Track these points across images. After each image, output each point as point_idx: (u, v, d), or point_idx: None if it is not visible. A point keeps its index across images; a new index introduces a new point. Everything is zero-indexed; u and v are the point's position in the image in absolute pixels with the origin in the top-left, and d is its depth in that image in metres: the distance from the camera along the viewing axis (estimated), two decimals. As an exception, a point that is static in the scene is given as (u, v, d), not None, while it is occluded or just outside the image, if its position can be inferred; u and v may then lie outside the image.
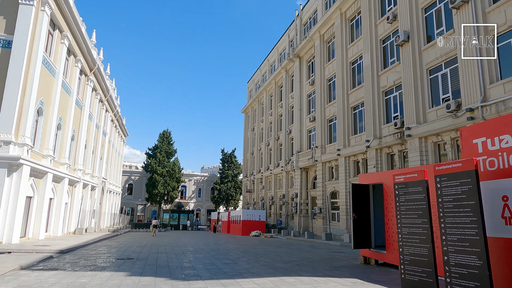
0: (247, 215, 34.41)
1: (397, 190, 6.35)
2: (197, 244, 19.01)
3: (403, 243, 6.13)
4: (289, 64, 40.14)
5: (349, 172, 26.60)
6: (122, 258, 11.71)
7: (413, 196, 6.04)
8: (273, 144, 43.90)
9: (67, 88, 22.81)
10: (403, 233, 6.13)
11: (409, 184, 6.16)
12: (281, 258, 12.16)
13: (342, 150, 27.04)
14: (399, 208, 6.28)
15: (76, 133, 25.93)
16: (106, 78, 34.69)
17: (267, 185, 45.71)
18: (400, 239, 6.20)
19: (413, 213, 5.99)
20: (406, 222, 6.09)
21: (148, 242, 20.92)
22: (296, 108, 37.18)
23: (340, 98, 28.09)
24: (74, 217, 25.53)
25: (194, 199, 71.28)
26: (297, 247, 17.48)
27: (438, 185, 5.53)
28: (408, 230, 6.04)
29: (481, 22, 16.18)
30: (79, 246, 15.97)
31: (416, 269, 5.80)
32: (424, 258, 5.72)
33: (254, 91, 56.02)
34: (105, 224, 39.42)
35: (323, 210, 29.76)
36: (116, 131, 46.39)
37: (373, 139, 23.26)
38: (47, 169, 19.04)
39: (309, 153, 32.71)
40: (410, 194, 6.11)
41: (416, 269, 5.80)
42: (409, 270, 5.91)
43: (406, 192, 6.18)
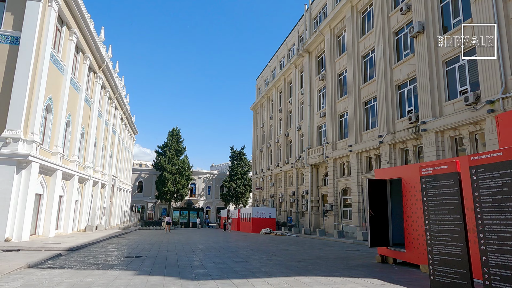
0: (257, 213, 34.06)
1: (425, 184, 5.86)
2: (207, 242, 18.72)
3: (432, 241, 5.65)
4: (298, 59, 39.55)
5: (362, 169, 26.01)
6: (131, 256, 11.46)
7: (443, 190, 5.54)
8: (283, 141, 43.42)
9: (76, 85, 22.71)
10: (432, 231, 5.64)
11: (438, 177, 5.65)
12: (294, 256, 11.75)
13: (354, 146, 26.45)
14: (426, 204, 5.80)
15: (86, 130, 25.88)
16: (115, 76, 34.64)
17: (277, 182, 45.29)
18: (428, 237, 5.72)
19: (443, 208, 5.49)
20: (436, 218, 5.60)
21: (158, 240, 20.73)
22: (306, 104, 36.62)
23: (352, 93, 27.48)
24: (84, 215, 25.51)
25: (203, 197, 71.28)
26: (309, 245, 17.04)
27: (474, 177, 5.03)
28: (438, 227, 5.54)
29: (502, 10, 15.46)
30: (88, 243, 15.81)
31: (447, 270, 5.32)
32: (457, 258, 5.22)
33: (263, 88, 55.55)
34: (116, 221, 39.53)
35: (335, 208, 29.23)
36: (125, 129, 46.46)
37: (386, 134, 22.64)
38: (57, 166, 18.95)
39: (320, 150, 32.17)
40: (439, 187, 5.61)
41: (447, 270, 5.32)
42: (440, 271, 5.42)
43: (435, 186, 5.69)
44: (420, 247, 8.55)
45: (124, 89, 43.10)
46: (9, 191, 14.73)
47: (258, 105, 57.42)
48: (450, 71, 18.60)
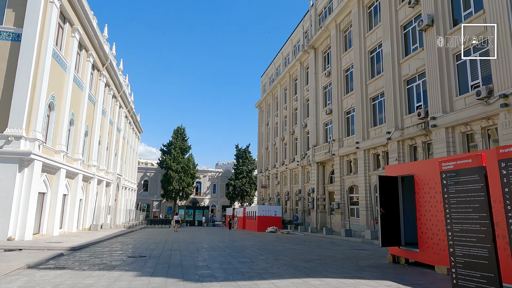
0: (263, 211, 33.72)
1: (445, 180, 5.43)
2: (212, 241, 18.43)
3: (454, 242, 5.22)
4: (303, 56, 39.07)
5: (369, 166, 25.53)
6: (134, 256, 11.18)
7: (467, 186, 5.10)
8: (288, 138, 43.00)
9: (79, 83, 22.51)
10: (455, 231, 5.21)
11: (461, 171, 5.22)
12: (302, 256, 11.38)
13: (361, 143, 25.97)
14: (448, 201, 5.37)
15: (90, 128, 25.71)
16: (119, 74, 34.45)
17: (283, 180, 44.91)
18: (450, 238, 5.30)
19: (467, 206, 5.06)
20: (458, 217, 5.17)
21: (163, 238, 20.48)
22: (311, 101, 36.16)
23: (358, 89, 26.99)
24: (89, 214, 25.37)
25: (209, 195, 71.13)
26: (316, 244, 16.66)
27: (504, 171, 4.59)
28: (461, 227, 5.11)
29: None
30: (92, 243, 15.59)
31: (473, 274, 4.90)
32: (484, 261, 4.79)
33: (268, 85, 55.12)
34: (121, 220, 39.46)
35: (341, 206, 28.79)
36: (130, 127, 46.34)
37: (394, 130, 22.14)
38: (60, 164, 18.76)
39: (326, 147, 31.71)
40: (462, 183, 5.18)
41: (473, 274, 4.90)
42: (464, 274, 5.00)
43: (457, 182, 5.26)
44: (435, 247, 8.14)
45: (128, 88, 42.95)
46: (12, 189, 14.54)
47: (263, 102, 57.02)
48: (460, 65, 18.06)
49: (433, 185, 8.17)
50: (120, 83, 33.26)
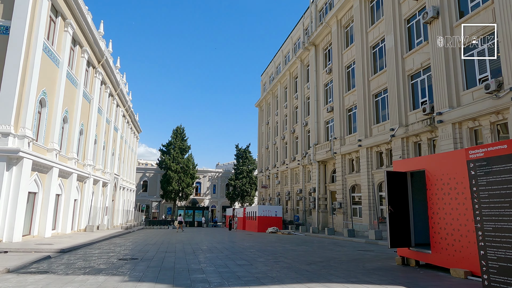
0: (263, 211, 33.03)
1: (474, 170, 4.72)
2: (210, 242, 17.74)
3: (485, 243, 4.52)
4: (304, 53, 38.39)
5: (372, 164, 24.84)
6: (125, 259, 10.49)
7: (502, 176, 4.38)
8: (289, 137, 42.31)
9: (73, 80, 21.85)
10: (486, 230, 4.51)
11: (494, 160, 4.48)
12: (303, 258, 10.69)
13: (364, 141, 25.28)
14: (477, 195, 4.67)
15: (85, 127, 25.03)
16: (116, 72, 33.78)
17: (283, 180, 44.22)
18: (480, 238, 4.61)
19: (502, 200, 4.35)
20: (491, 214, 4.45)
21: (159, 240, 19.81)
22: (312, 99, 35.48)
23: (360, 85, 26.31)
24: (84, 214, 24.69)
25: (209, 196, 70.43)
26: (319, 245, 15.97)
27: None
28: (495, 225, 4.40)
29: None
30: (84, 244, 14.91)
31: (510, 282, 4.20)
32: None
33: (268, 84, 54.46)
34: (119, 221, 38.78)
35: (343, 205, 28.10)
36: (128, 127, 45.68)
37: (398, 127, 21.46)
38: (52, 163, 18.08)
39: (327, 145, 31.03)
40: (495, 174, 4.46)
41: (510, 282, 4.20)
42: (499, 281, 4.28)
43: (489, 172, 4.53)
44: (449, 248, 7.45)
45: (126, 86, 42.30)
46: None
47: (263, 101, 56.35)
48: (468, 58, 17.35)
49: (447, 180, 7.48)
50: (117, 81, 32.60)
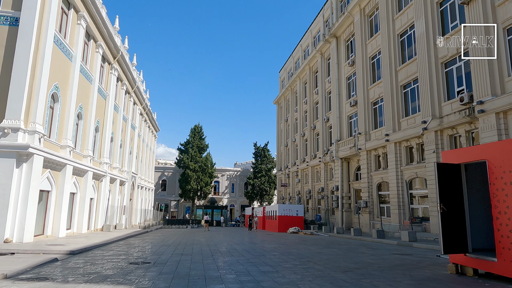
0: (284, 210, 31.75)
1: None
2: (229, 243, 16.65)
3: None
4: (324, 46, 36.84)
5: (401, 160, 23.18)
6: (137, 262, 9.51)
7: None
8: (309, 134, 40.83)
9: (88, 75, 21.25)
10: None
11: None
12: (336, 263, 9.41)
13: (392, 135, 23.65)
14: None
15: (101, 124, 24.47)
16: (133, 69, 33.27)
17: (303, 178, 42.79)
18: None
19: None
20: None
21: (176, 240, 18.91)
22: (334, 93, 33.93)
23: (387, 76, 24.66)
24: (101, 213, 24.13)
25: (227, 195, 69.60)
26: (347, 247, 14.61)
27: None
28: None
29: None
30: (97, 245, 14.10)
31: None
32: None
33: (287, 80, 53.09)
34: (137, 220, 38.38)
35: (369, 204, 26.51)
36: (146, 125, 45.32)
37: (431, 119, 19.78)
38: (66, 160, 17.44)
39: (351, 141, 29.45)
40: None
41: None
42: None
43: None
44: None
45: (143, 84, 41.89)
46: (9, 186, 13.23)
47: (281, 98, 55.01)
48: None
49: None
50: (133, 78, 32.05)
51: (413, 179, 22.34)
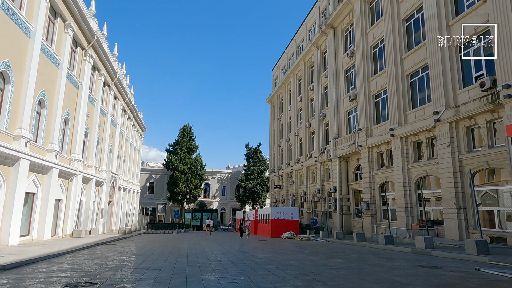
0: (277, 214, 29.18)
1: None
2: (214, 253, 14.01)
3: None
4: (321, 38, 34.56)
5: (408, 157, 20.86)
6: (76, 285, 6.83)
7: None
8: (304, 133, 38.43)
9: (52, 57, 18.37)
10: None
11: None
12: (354, 284, 6.85)
13: (397, 130, 21.33)
14: None
15: (72, 116, 21.64)
16: (113, 60, 30.52)
17: (298, 179, 40.32)
18: None
19: None
20: None
21: (153, 248, 16.20)
22: (331, 87, 31.63)
23: (392, 65, 22.40)
24: (70, 217, 21.25)
25: (218, 198, 66.79)
26: (356, 257, 12.08)
27: None
28: None
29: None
30: (46, 256, 11.34)
31: None
32: None
33: (280, 78, 50.80)
34: (119, 225, 35.40)
35: (372, 206, 24.10)
36: (130, 123, 42.40)
37: (444, 109, 17.48)
38: (18, 153, 14.65)
39: (350, 138, 27.09)
40: None
41: None
42: None
43: None
44: None
45: (127, 79, 39.10)
46: None
47: (274, 96, 52.66)
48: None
49: None
50: (113, 69, 29.25)
51: (421, 178, 20.00)
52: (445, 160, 17.34)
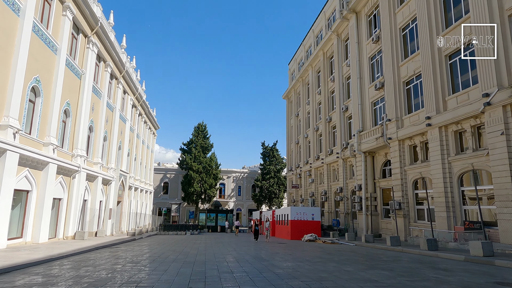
0: (297, 214, 26.82)
1: None
2: (225, 259, 11.86)
3: None
4: (341, 25, 32.05)
5: (448, 149, 18.19)
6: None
7: None
8: (324, 128, 35.92)
9: (49, 41, 16.71)
10: None
11: None
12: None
13: (435, 118, 18.71)
14: None
15: (73, 107, 19.94)
16: (121, 51, 28.89)
17: (318, 178, 37.82)
18: None
19: None
20: None
21: (156, 253, 14.21)
22: (354, 77, 29.10)
23: (427, 46, 19.80)
24: (72, 217, 19.53)
25: (233, 198, 64.79)
26: (404, 267, 9.67)
27: None
28: None
29: None
30: (23, 265, 9.43)
31: None
32: None
33: (297, 71, 48.39)
34: (129, 226, 33.79)
35: (404, 206, 21.47)
36: (141, 120, 40.84)
37: (497, 90, 14.79)
38: (6, 145, 12.90)
39: (377, 131, 24.52)
40: None
41: None
42: None
43: None
44: None
45: (138, 74, 37.55)
46: None
47: (291, 91, 50.27)
48: None
49: None
50: (120, 60, 27.57)
51: (465, 173, 17.31)
52: (498, 150, 14.66)
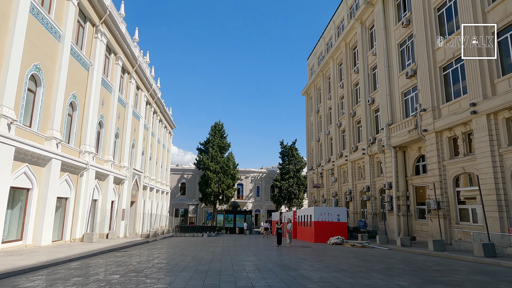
0: (321, 215, 24.75)
1: None
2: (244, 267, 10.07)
3: None
4: (366, 11, 29.86)
5: (499, 139, 15.83)
6: None
7: None
8: (347, 123, 33.69)
9: (51, 26, 15.46)
10: None
11: None
12: None
13: (481, 104, 16.38)
14: None
15: (80, 100, 18.64)
16: (134, 45, 27.65)
17: (341, 176, 35.60)
18: None
19: None
20: None
21: (166, 258, 12.60)
22: (381, 66, 26.87)
23: (470, 23, 17.37)
24: (80, 218, 18.21)
25: (252, 199, 63.05)
26: (471, 281, 7.62)
27: None
28: None
29: None
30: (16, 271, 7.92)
31: None
32: None
33: (317, 66, 46.29)
34: (145, 227, 32.54)
35: (444, 205, 19.10)
36: (156, 118, 39.66)
37: None
38: (6, 140, 11.55)
39: (410, 123, 22.22)
40: None
41: None
42: None
43: None
44: None
45: (152, 70, 36.39)
46: None
47: (311, 87, 48.14)
48: None
49: None
50: (133, 54, 26.30)
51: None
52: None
